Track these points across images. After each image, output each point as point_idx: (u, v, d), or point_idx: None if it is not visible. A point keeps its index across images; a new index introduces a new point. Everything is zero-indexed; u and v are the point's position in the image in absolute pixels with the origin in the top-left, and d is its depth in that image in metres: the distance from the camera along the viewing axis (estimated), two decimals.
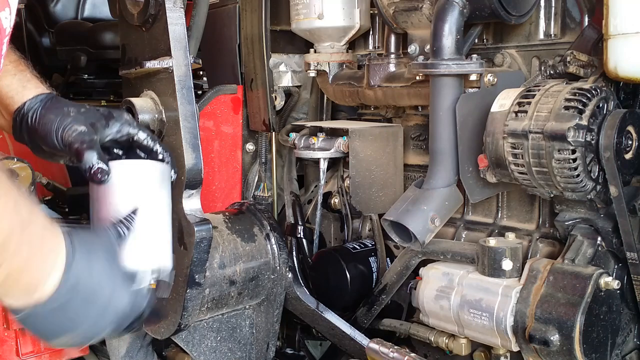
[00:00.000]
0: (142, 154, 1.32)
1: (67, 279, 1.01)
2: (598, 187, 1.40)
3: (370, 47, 2.04)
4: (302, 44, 2.11)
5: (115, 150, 1.33)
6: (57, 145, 1.24)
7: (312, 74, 2.01)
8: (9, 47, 1.29)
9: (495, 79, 1.57)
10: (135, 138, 1.31)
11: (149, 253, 1.21)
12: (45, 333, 1.06)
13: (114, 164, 1.24)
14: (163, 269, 1.24)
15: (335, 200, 2.04)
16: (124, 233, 1.16)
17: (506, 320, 1.43)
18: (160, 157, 1.32)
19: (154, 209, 1.25)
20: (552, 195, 1.46)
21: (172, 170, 1.32)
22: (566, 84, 1.43)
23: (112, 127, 1.29)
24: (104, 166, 1.19)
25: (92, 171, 1.19)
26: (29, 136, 1.29)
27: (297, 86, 2.18)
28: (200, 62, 1.78)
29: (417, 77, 1.64)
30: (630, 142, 1.38)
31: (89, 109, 1.29)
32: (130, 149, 1.33)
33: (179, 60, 1.46)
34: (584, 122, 1.32)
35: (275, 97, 2.08)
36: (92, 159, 1.19)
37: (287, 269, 1.80)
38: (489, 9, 1.52)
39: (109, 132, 1.28)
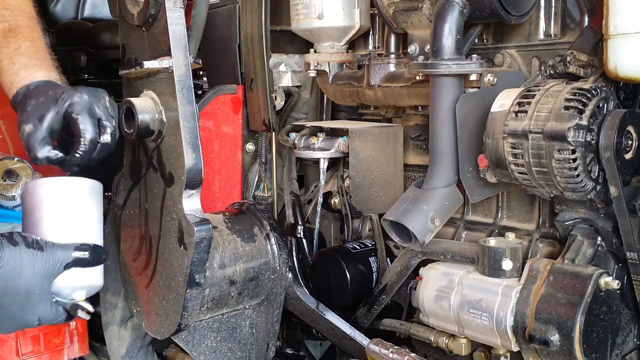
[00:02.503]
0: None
1: None
2: (598, 187, 1.40)
3: (370, 47, 2.04)
4: (302, 44, 2.11)
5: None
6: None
7: (312, 74, 2.00)
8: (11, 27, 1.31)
9: (495, 79, 1.57)
10: (71, 117, 1.30)
11: (78, 271, 1.26)
12: None
13: (42, 181, 1.29)
14: (92, 287, 1.31)
15: (335, 200, 2.04)
16: (74, 256, 1.23)
17: (506, 320, 1.43)
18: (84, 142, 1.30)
19: (83, 227, 1.30)
20: (552, 195, 1.46)
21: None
22: (566, 84, 1.43)
23: (59, 110, 1.29)
24: (56, 157, 1.26)
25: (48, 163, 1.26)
26: None
27: (297, 86, 2.18)
28: (200, 62, 1.78)
29: (417, 77, 1.64)
30: (630, 142, 1.38)
31: (47, 97, 1.29)
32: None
33: (179, 60, 1.46)
34: (584, 122, 1.32)
35: (275, 97, 2.07)
36: (39, 159, 1.26)
37: (287, 269, 1.80)
38: (489, 9, 1.52)
39: (59, 114, 1.29)
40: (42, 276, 1.19)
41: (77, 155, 1.30)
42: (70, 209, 1.29)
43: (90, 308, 1.30)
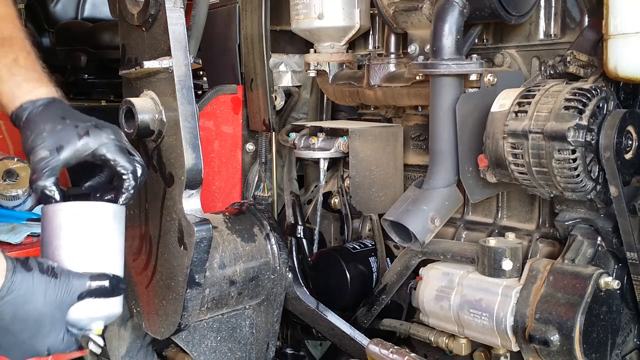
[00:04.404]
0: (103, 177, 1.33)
1: None
2: (598, 187, 1.40)
3: (370, 47, 2.04)
4: (302, 44, 2.11)
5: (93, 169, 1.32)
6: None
7: (312, 74, 2.01)
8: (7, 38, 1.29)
9: (495, 79, 1.57)
10: (106, 158, 1.29)
11: (95, 301, 1.21)
12: None
13: (62, 206, 1.23)
14: (110, 317, 1.25)
15: (335, 200, 2.04)
16: (89, 286, 1.19)
17: (506, 320, 1.43)
18: (127, 184, 1.30)
19: (104, 255, 1.24)
20: (552, 195, 1.46)
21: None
22: (566, 84, 1.43)
23: (83, 148, 1.27)
24: (51, 193, 1.22)
25: (41, 196, 1.21)
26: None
27: (297, 86, 2.18)
28: (200, 62, 1.78)
29: (417, 77, 1.64)
30: (630, 142, 1.38)
31: (66, 127, 1.27)
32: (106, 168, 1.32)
33: (179, 60, 1.46)
34: (584, 122, 1.32)
35: (275, 97, 2.07)
36: (39, 186, 1.22)
37: (287, 269, 1.80)
38: (489, 9, 1.52)
39: (82, 151, 1.27)
40: (53, 305, 1.15)
41: (130, 193, 1.30)
42: (91, 236, 1.23)
43: (101, 342, 1.25)
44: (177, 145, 1.47)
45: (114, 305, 1.24)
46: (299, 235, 1.96)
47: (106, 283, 1.20)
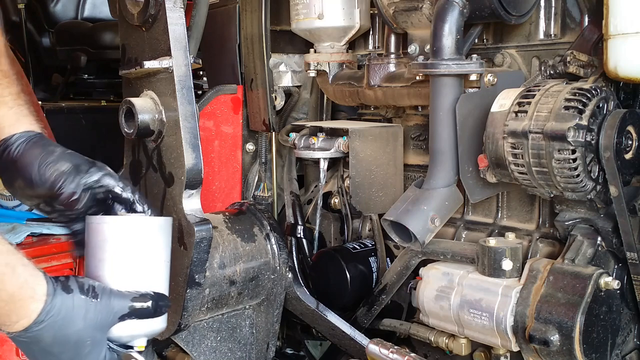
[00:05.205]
0: (121, 208, 1.30)
1: (34, 326, 1.10)
2: (598, 187, 1.40)
3: (370, 47, 2.04)
4: (302, 44, 2.11)
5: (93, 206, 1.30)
6: (34, 178, 1.24)
7: (312, 74, 2.01)
8: (10, 71, 1.30)
9: (495, 79, 1.57)
10: (114, 190, 1.29)
11: (139, 321, 1.20)
12: (21, 350, 1.18)
13: (107, 219, 1.22)
14: (153, 333, 1.24)
15: (335, 200, 2.04)
16: (131, 307, 1.18)
17: (506, 320, 1.43)
18: (140, 209, 1.30)
19: (149, 271, 1.23)
20: (552, 195, 1.46)
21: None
22: (566, 84, 1.43)
23: (92, 175, 1.27)
24: (78, 196, 1.21)
25: (71, 199, 1.21)
26: (6, 167, 1.28)
27: (297, 86, 2.18)
28: (200, 62, 1.78)
29: (417, 77, 1.64)
30: (630, 142, 1.38)
31: (73, 152, 1.28)
32: (108, 204, 1.31)
33: (179, 60, 1.46)
34: (584, 122, 1.32)
35: (275, 97, 2.08)
36: (69, 189, 1.22)
37: (287, 269, 1.79)
38: (489, 9, 1.52)
39: (89, 180, 1.27)
40: (94, 327, 1.14)
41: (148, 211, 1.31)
42: (137, 252, 1.21)
43: (142, 359, 1.23)
44: (177, 145, 1.47)
45: (157, 323, 1.23)
46: (299, 235, 1.96)
47: (149, 304, 1.19)
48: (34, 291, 1.11)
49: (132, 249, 1.22)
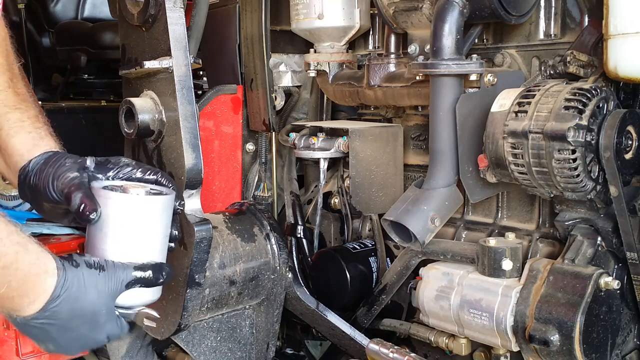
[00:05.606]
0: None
1: (51, 302, 1.13)
2: (598, 187, 1.40)
3: (370, 47, 2.04)
4: (302, 44, 2.11)
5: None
6: (54, 196, 1.26)
7: (312, 74, 2.01)
8: (27, 94, 1.32)
9: (495, 79, 1.57)
10: (135, 176, 1.32)
11: (141, 289, 1.25)
12: (34, 339, 1.19)
13: (112, 195, 1.24)
14: (151, 302, 1.29)
15: (335, 200, 2.04)
16: (134, 276, 1.22)
17: (506, 320, 1.43)
18: (166, 190, 1.33)
19: (149, 245, 1.27)
20: (552, 195, 1.46)
21: (177, 202, 1.32)
22: (566, 84, 1.43)
23: (107, 172, 1.31)
24: (90, 203, 1.21)
25: (81, 209, 1.20)
26: (32, 194, 1.30)
27: (297, 86, 2.18)
28: (200, 62, 1.78)
29: (417, 77, 1.64)
30: (630, 142, 1.38)
31: (84, 159, 1.30)
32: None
33: (179, 60, 1.46)
34: (584, 122, 1.32)
35: (275, 97, 2.08)
36: (77, 198, 1.21)
37: (287, 269, 1.80)
38: (489, 9, 1.52)
39: (102, 184, 1.29)
40: (106, 296, 1.19)
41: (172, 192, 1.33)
42: (140, 227, 1.25)
43: (155, 313, 1.29)
44: (177, 145, 1.47)
45: (154, 293, 1.29)
46: (299, 235, 1.96)
47: (149, 273, 1.23)
48: (47, 266, 1.13)
49: (137, 225, 1.25)
